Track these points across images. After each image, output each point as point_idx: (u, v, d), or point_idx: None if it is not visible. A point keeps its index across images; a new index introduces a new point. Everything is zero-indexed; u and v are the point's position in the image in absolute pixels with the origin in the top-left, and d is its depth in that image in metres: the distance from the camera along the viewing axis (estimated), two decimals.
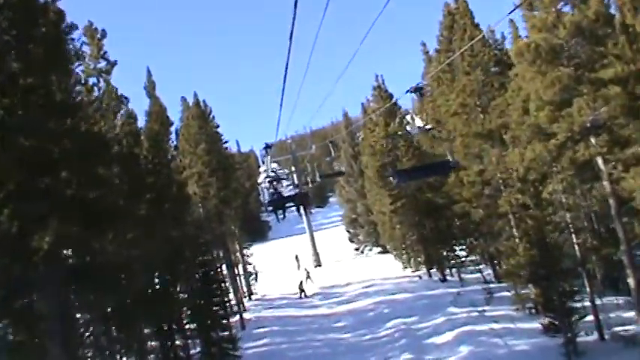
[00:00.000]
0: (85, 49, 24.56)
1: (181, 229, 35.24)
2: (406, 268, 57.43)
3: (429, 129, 41.63)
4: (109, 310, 23.96)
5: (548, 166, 30.58)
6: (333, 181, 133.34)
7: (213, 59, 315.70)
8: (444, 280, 50.06)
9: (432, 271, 52.58)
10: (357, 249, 73.73)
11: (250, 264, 57.87)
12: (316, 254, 65.75)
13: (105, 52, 25.63)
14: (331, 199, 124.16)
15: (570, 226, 31.47)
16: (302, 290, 52.60)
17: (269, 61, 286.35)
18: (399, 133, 52.16)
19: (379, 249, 72.52)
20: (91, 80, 25.86)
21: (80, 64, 23.12)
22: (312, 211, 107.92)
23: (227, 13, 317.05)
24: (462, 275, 49.00)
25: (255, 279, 63.55)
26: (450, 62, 38.38)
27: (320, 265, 65.59)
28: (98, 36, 25.18)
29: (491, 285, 43.18)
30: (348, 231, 75.55)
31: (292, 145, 64.26)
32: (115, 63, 25.72)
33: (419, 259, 56.61)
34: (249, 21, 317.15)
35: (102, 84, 25.79)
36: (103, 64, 25.84)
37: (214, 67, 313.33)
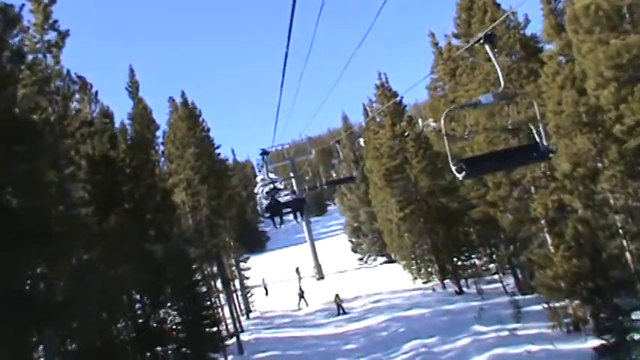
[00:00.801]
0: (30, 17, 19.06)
1: (167, 244, 29.92)
2: (416, 279, 51.94)
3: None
4: None
5: (595, 161, 25.51)
6: (332, 189, 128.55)
7: (208, 65, 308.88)
8: (460, 292, 44.68)
9: (445, 282, 47.20)
10: (360, 259, 68.22)
11: (248, 278, 52.26)
12: (318, 266, 59.90)
13: (55, 22, 19.93)
14: (330, 208, 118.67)
15: (621, 230, 26.15)
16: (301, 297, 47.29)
17: (266, 68, 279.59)
18: (407, 133, 46.90)
19: (384, 259, 67.15)
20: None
21: (21, 35, 17.44)
22: (311, 219, 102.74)
23: (222, 16, 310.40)
24: (480, 286, 43.59)
25: (266, 293, 58.15)
26: (470, 47, 33.10)
27: (322, 278, 59.79)
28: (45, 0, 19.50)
29: (516, 298, 37.73)
30: (351, 240, 69.90)
31: (290, 151, 58.98)
32: (66, 34, 20.01)
33: (430, 269, 51.24)
34: (245, 24, 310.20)
35: (50, 61, 20.13)
36: (51, 35, 20.14)
37: (209, 73, 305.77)
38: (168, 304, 28.14)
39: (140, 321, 27.31)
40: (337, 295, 46.23)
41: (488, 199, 34.21)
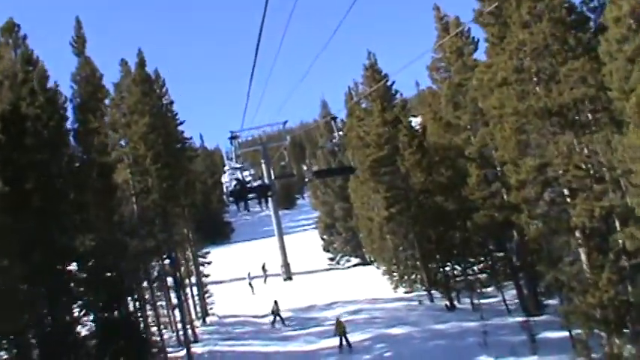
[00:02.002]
0: None
1: (100, 234, 21.93)
2: (397, 287, 44.36)
3: None
4: None
5: None
6: (301, 180, 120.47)
7: (181, 45, 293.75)
8: (452, 307, 37.26)
9: (432, 294, 39.72)
10: (331, 259, 60.29)
11: (207, 275, 43.98)
12: (286, 265, 51.66)
13: None
14: (299, 202, 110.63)
15: None
16: (276, 314, 38.57)
17: (239, 48, 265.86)
18: (402, 120, 39.24)
19: (357, 260, 59.53)
20: None
21: None
22: (279, 212, 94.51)
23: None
24: (475, 301, 36.16)
25: (252, 290, 50.37)
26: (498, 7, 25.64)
27: (290, 279, 51.58)
28: None
29: (530, 320, 30.39)
30: (323, 238, 61.81)
31: (263, 138, 51.12)
32: None
33: (414, 277, 43.77)
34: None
35: None
36: None
37: (181, 52, 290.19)
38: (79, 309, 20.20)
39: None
40: (276, 302, 38.30)
41: (512, 201, 26.61)
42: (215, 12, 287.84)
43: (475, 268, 36.81)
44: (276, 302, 37.76)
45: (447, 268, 38.26)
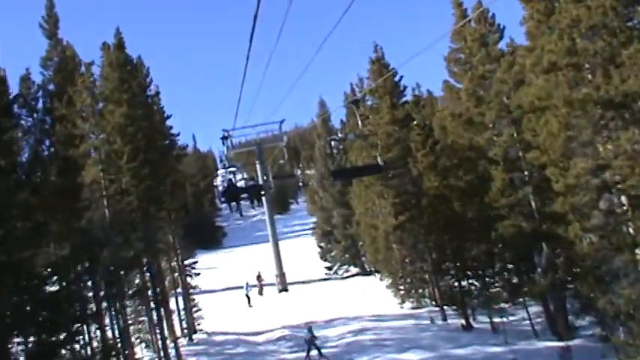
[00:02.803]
0: None
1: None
2: (403, 302, 39.68)
3: None
4: None
5: None
6: (295, 185, 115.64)
7: (177, 45, 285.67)
8: (468, 326, 32.52)
9: (445, 310, 35.04)
10: (329, 268, 55.39)
11: (194, 287, 38.98)
12: (281, 275, 46.94)
13: None
14: (293, 207, 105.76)
15: None
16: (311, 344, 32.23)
17: (235, 49, 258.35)
18: (414, 117, 34.65)
19: (356, 269, 54.80)
20: None
21: None
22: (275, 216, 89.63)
23: None
24: (495, 321, 31.53)
25: (248, 302, 45.28)
26: None
27: (286, 290, 46.82)
28: None
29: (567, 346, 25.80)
30: (320, 246, 56.93)
31: (257, 140, 46.49)
32: None
33: (422, 291, 39.18)
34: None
35: None
36: None
37: (178, 53, 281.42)
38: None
39: None
40: (310, 329, 31.95)
41: (557, 210, 22.00)
42: (208, 11, 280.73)
43: (494, 283, 32.11)
44: (310, 329, 31.02)
45: (463, 283, 33.54)
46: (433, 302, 38.83)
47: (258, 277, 47.75)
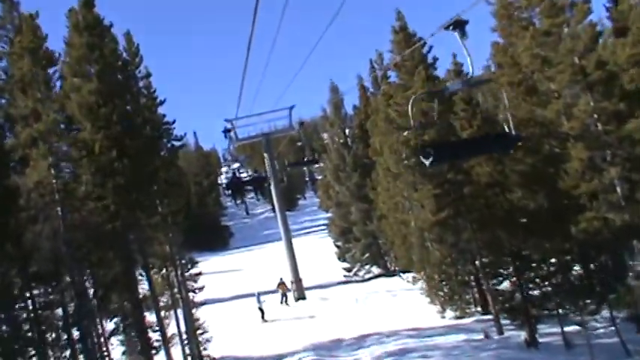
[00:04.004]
0: None
1: None
2: (444, 310, 32.89)
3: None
4: None
5: None
6: (302, 180, 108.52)
7: (181, 38, 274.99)
8: (532, 342, 25.76)
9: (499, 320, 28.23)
10: (348, 269, 48.39)
11: (199, 305, 31.90)
12: (298, 281, 39.97)
13: None
14: (301, 202, 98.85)
15: None
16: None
17: (240, 44, 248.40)
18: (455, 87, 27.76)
19: (379, 270, 47.98)
20: None
21: None
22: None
23: None
24: (565, 334, 24.81)
25: (262, 315, 37.39)
26: None
27: (303, 298, 39.87)
28: None
29: None
30: (337, 245, 49.89)
31: (264, 128, 39.37)
32: None
33: (467, 296, 32.52)
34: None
35: None
36: None
37: (171, 46, 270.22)
38: None
39: None
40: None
41: None
42: (212, 8, 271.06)
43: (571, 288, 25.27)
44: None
45: (527, 290, 26.70)
46: (479, 309, 32.24)
47: (281, 285, 40.61)
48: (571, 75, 22.29)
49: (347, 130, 48.77)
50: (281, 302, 40.10)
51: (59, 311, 18.95)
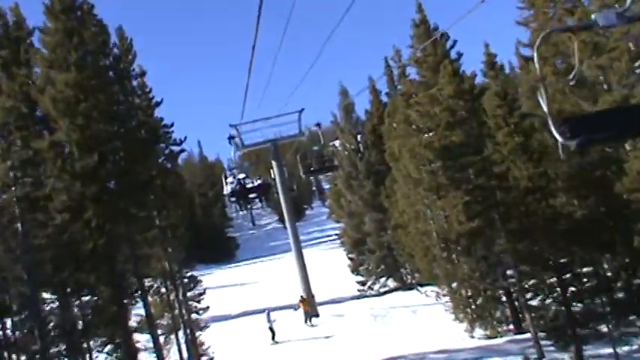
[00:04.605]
0: None
1: None
2: (473, 329, 29.53)
3: None
4: None
5: None
6: (309, 189, 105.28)
7: (175, 42, 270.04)
8: None
9: (539, 341, 24.84)
10: (362, 283, 45.01)
11: (204, 328, 28.50)
12: (310, 297, 36.86)
13: None
14: (308, 212, 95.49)
15: None
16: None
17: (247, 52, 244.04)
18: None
19: (395, 283, 44.60)
20: None
21: None
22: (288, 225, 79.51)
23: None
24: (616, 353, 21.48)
25: (272, 336, 33.40)
26: None
27: (317, 315, 36.77)
28: None
29: None
30: (351, 257, 46.51)
31: (269, 134, 36.28)
32: None
33: (497, 313, 29.23)
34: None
35: None
36: None
37: (176, 55, 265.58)
38: None
39: None
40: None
41: None
42: (216, 15, 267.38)
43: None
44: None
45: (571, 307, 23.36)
46: (511, 327, 28.94)
47: (303, 302, 37.01)
48: (627, 62, 19.15)
49: (359, 136, 45.51)
50: (305, 322, 36.52)
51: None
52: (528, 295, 25.18)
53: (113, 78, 20.60)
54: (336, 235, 54.62)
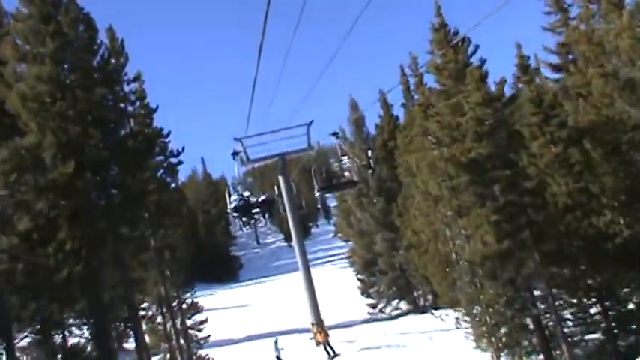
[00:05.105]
0: None
1: None
2: (499, 357, 26.70)
3: None
4: None
5: None
6: (314, 207, 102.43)
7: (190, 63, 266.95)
8: None
9: None
10: (373, 306, 42.17)
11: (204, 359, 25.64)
12: (320, 322, 33.83)
13: None
14: (314, 230, 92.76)
15: None
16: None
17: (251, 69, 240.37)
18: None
19: (407, 306, 41.81)
20: None
21: None
22: (292, 244, 76.56)
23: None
24: None
25: None
26: None
27: (336, 354, 33.64)
28: None
29: None
30: (361, 279, 43.65)
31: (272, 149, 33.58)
32: None
33: (523, 341, 26.34)
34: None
35: None
36: None
37: (180, 71, 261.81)
38: None
39: None
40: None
41: None
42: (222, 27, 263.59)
43: None
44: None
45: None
46: (540, 357, 26.10)
47: (320, 332, 33.74)
48: None
49: (369, 152, 42.90)
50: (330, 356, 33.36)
51: None
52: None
53: (100, 79, 18.07)
54: (346, 257, 51.89)
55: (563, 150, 19.85)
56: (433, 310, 38.10)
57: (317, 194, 20.98)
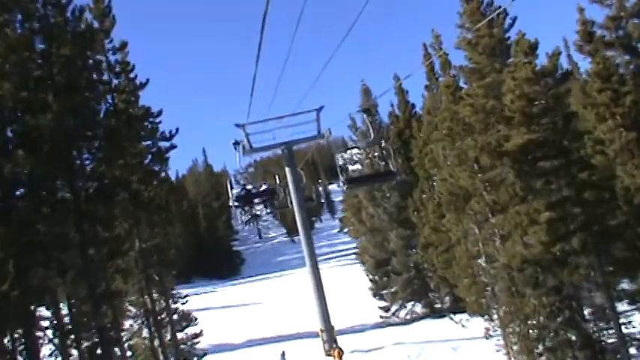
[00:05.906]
0: None
1: None
2: None
3: None
4: None
5: None
6: (317, 203, 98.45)
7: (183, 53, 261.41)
8: None
9: None
10: (385, 309, 38.22)
11: None
12: (329, 329, 30.01)
13: None
14: (317, 225, 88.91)
15: None
16: None
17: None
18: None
19: (423, 309, 37.94)
20: None
21: None
22: (295, 239, 73.04)
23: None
24: None
25: None
26: None
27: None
28: None
29: None
30: (373, 280, 39.66)
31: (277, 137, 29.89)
32: None
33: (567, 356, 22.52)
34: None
35: None
36: None
37: (183, 64, 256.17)
38: None
39: None
40: None
41: None
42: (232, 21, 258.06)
43: None
44: None
45: None
46: None
47: (339, 355, 30.04)
48: None
49: (382, 142, 38.98)
50: None
51: None
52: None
53: (69, 38, 14.25)
54: (355, 254, 48.13)
55: (638, 135, 15.93)
56: (452, 315, 34.31)
57: (344, 187, 17.06)
